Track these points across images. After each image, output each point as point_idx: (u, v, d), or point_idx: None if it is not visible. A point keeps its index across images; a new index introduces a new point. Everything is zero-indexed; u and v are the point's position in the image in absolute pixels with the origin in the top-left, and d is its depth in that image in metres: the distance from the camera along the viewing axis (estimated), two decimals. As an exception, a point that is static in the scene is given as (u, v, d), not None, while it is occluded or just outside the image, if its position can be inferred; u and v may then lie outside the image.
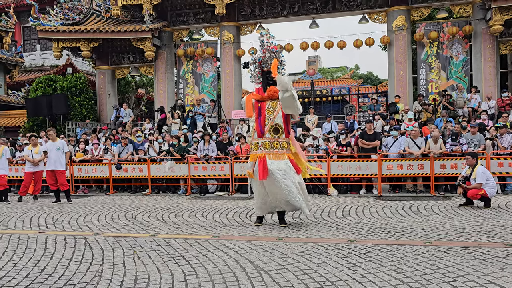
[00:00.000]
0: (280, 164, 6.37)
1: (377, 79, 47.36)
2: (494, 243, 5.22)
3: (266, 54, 6.66)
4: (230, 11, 16.66)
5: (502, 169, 9.71)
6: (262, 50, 6.71)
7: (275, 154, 6.46)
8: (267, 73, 6.69)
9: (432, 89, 15.72)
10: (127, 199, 10.87)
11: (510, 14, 13.84)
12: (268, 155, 6.44)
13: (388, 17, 15.79)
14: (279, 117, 6.55)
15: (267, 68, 6.69)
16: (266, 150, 6.50)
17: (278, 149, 6.51)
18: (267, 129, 6.53)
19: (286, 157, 6.51)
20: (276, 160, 6.40)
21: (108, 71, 18.68)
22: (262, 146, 6.54)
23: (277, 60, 6.57)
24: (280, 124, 6.54)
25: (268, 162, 6.35)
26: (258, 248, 5.24)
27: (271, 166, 6.32)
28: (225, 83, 17.20)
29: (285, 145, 6.58)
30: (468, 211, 7.62)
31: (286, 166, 6.39)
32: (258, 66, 6.79)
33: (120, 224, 7.22)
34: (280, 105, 6.48)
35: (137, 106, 25.81)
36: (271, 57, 6.64)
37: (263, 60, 6.71)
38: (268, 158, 6.40)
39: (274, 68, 6.41)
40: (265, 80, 6.74)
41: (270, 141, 6.51)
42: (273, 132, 6.52)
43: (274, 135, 6.52)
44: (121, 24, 17.27)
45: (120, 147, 12.55)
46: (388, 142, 10.84)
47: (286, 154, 6.55)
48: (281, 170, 6.31)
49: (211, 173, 11.46)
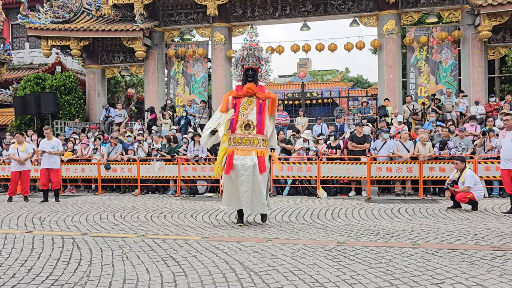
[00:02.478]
0: (246, 160, 6.45)
1: (367, 82, 47.74)
2: (481, 245, 5.29)
3: (244, 52, 6.80)
4: (221, 12, 16.66)
5: (489, 173, 9.83)
6: (242, 48, 6.85)
7: (243, 150, 6.55)
8: (247, 70, 6.81)
9: (421, 93, 15.88)
10: (115, 199, 10.79)
11: (498, 20, 14.05)
12: (236, 150, 6.57)
13: (379, 21, 15.92)
14: (253, 114, 6.63)
15: (246, 66, 6.81)
16: (236, 146, 6.61)
17: (247, 145, 6.58)
18: (238, 125, 6.63)
19: (253, 154, 6.53)
20: (243, 155, 6.49)
21: (98, 70, 18.54)
22: (233, 142, 6.66)
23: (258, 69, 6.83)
24: (252, 120, 6.61)
25: (234, 157, 6.50)
26: (248, 249, 5.23)
27: (236, 161, 6.46)
28: (216, 84, 17.18)
29: (255, 141, 6.60)
30: (456, 214, 7.71)
31: (251, 163, 6.44)
32: (239, 64, 6.89)
33: (109, 224, 7.16)
34: (256, 102, 6.66)
35: (127, 106, 25.65)
36: (250, 55, 6.79)
37: (242, 57, 6.84)
38: (236, 153, 6.53)
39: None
40: (245, 77, 6.85)
41: (240, 136, 6.62)
42: (244, 128, 6.61)
43: (245, 131, 6.61)
44: (112, 23, 17.16)
45: (110, 147, 12.46)
46: (377, 145, 10.92)
47: (254, 150, 6.57)
48: (245, 166, 6.42)
49: (201, 174, 11.42)
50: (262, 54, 6.93)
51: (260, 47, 6.94)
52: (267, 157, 6.73)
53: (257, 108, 6.64)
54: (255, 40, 6.86)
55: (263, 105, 6.73)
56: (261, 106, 6.70)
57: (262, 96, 6.74)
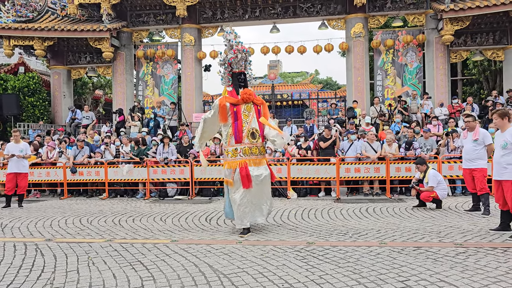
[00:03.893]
0: (260, 170, 6.22)
1: (336, 85, 48.48)
2: (445, 243, 5.45)
3: (237, 54, 6.36)
4: (191, 13, 16.55)
5: (453, 172, 10.17)
6: (233, 51, 6.35)
7: (255, 160, 6.24)
8: (238, 74, 6.44)
9: (388, 95, 16.27)
10: (82, 203, 10.52)
11: (460, 24, 14.57)
12: (248, 161, 6.18)
13: (347, 24, 16.21)
14: (254, 121, 6.33)
15: (238, 70, 6.44)
16: (246, 156, 6.20)
17: (258, 155, 6.29)
18: (245, 134, 6.22)
19: (265, 163, 6.39)
20: (257, 166, 6.22)
21: (64, 71, 18.05)
22: (242, 152, 6.20)
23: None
24: (256, 128, 6.31)
25: (249, 169, 6.11)
26: (218, 252, 5.21)
27: (253, 172, 6.12)
28: (186, 86, 17.04)
29: (262, 150, 6.39)
30: (421, 213, 7.92)
31: (267, 173, 6.28)
32: (227, 68, 6.46)
33: (75, 230, 6.97)
34: (254, 109, 6.37)
35: (95, 108, 25.08)
36: (243, 58, 6.43)
37: (234, 61, 6.40)
38: (249, 165, 6.15)
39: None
40: (236, 82, 6.44)
41: (249, 146, 6.23)
42: (250, 137, 6.25)
43: (252, 140, 6.26)
44: (78, 23, 16.75)
45: (76, 150, 12.14)
46: (344, 146, 11.10)
47: (264, 159, 6.41)
48: (262, 176, 6.19)
49: (170, 176, 11.30)
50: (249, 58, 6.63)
51: (248, 50, 6.61)
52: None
53: (256, 115, 6.37)
54: (240, 42, 6.44)
55: (260, 111, 6.49)
56: (259, 112, 6.44)
57: (258, 102, 6.46)
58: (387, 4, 15.89)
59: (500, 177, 5.88)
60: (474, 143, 7.56)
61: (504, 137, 5.87)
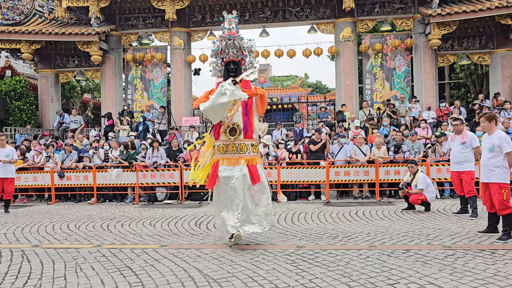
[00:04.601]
0: (234, 171, 5.53)
1: (326, 88, 48.75)
2: (434, 245, 5.49)
3: (222, 42, 5.80)
4: (180, 17, 16.52)
5: (441, 175, 10.26)
6: (219, 39, 5.86)
7: (229, 160, 5.62)
8: (228, 63, 5.81)
9: (377, 99, 16.38)
10: (70, 208, 10.39)
11: (447, 29, 14.75)
12: (221, 160, 5.65)
13: (336, 28, 16.31)
14: (238, 116, 5.66)
15: (226, 58, 5.82)
16: (220, 155, 5.69)
17: (234, 153, 5.63)
18: (222, 130, 5.69)
19: (242, 163, 5.58)
20: (230, 166, 5.57)
21: (51, 74, 17.86)
22: (217, 150, 5.74)
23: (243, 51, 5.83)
24: (238, 123, 5.64)
25: (219, 168, 5.59)
26: (207, 256, 5.18)
27: (222, 173, 5.55)
28: (175, 90, 16.98)
29: (243, 147, 5.65)
30: (410, 216, 7.97)
31: (239, 175, 5.51)
32: (219, 57, 5.89)
33: (62, 235, 6.87)
34: (240, 102, 5.66)
35: (83, 111, 24.87)
36: (229, 46, 5.78)
37: (221, 49, 5.84)
38: (221, 164, 5.61)
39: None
40: (226, 72, 5.81)
41: (224, 144, 5.67)
42: (228, 133, 5.67)
43: (230, 137, 5.66)
44: (66, 26, 16.61)
45: (64, 154, 12.00)
46: (334, 150, 11.14)
47: (243, 159, 5.62)
48: (233, 178, 5.50)
49: (160, 180, 11.22)
50: (243, 43, 5.86)
51: (241, 35, 5.89)
52: (259, 164, 5.82)
53: (243, 109, 5.67)
54: (234, 28, 5.83)
55: (250, 104, 5.73)
56: (247, 105, 5.71)
57: (248, 94, 5.64)
58: (375, 8, 16.03)
59: (488, 180, 5.94)
60: (462, 146, 7.65)
61: (491, 140, 5.93)
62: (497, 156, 5.85)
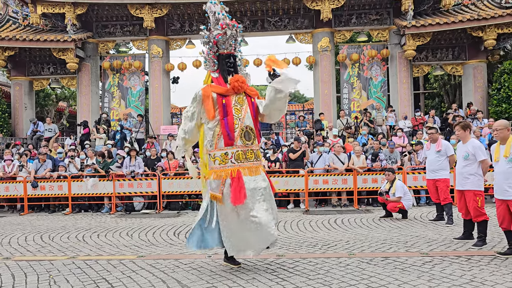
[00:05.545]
0: (258, 181, 4.74)
1: (304, 97, 49.16)
2: (412, 252, 5.55)
3: (226, 31, 4.93)
4: (159, 25, 16.43)
5: (417, 183, 10.44)
6: (220, 25, 4.94)
7: (251, 168, 4.77)
8: (227, 57, 5.02)
9: (354, 108, 16.61)
10: (44, 219, 10.10)
11: (421, 40, 15.13)
12: (243, 169, 4.72)
13: (314, 38, 16.51)
14: (248, 117, 4.87)
15: (227, 51, 5.02)
16: (240, 163, 4.73)
17: (254, 161, 4.83)
18: (237, 134, 4.75)
19: (261, 171, 4.90)
20: (253, 175, 4.75)
21: (25, 82, 17.43)
22: (234, 158, 4.73)
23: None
24: (251, 126, 4.85)
25: (244, 179, 4.65)
26: (186, 267, 5.10)
27: (249, 184, 4.64)
28: (153, 98, 16.82)
29: (259, 154, 4.99)
30: (388, 223, 8.06)
31: (266, 185, 4.80)
32: (213, 47, 5.01)
33: (35, 247, 6.66)
34: (248, 101, 4.96)
35: (58, 120, 24.36)
36: (233, 36, 5.02)
37: (221, 39, 4.96)
38: (244, 174, 4.69)
39: (277, 63, 4.82)
40: (224, 66, 5.01)
41: (243, 150, 4.77)
42: (244, 137, 4.79)
43: (247, 142, 4.80)
44: (41, 33, 16.29)
45: (38, 164, 11.68)
46: (313, 158, 11.21)
47: (260, 167, 4.94)
48: (261, 190, 4.72)
49: (137, 190, 11.04)
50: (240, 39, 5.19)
51: (240, 26, 5.18)
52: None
53: (251, 110, 4.92)
54: (230, 17, 5.12)
55: (255, 105, 5.02)
56: (253, 106, 4.98)
57: (253, 93, 5.06)
58: (352, 19, 16.32)
59: (463, 187, 6.07)
60: (437, 154, 7.80)
61: (466, 148, 6.08)
62: (471, 164, 5.99)
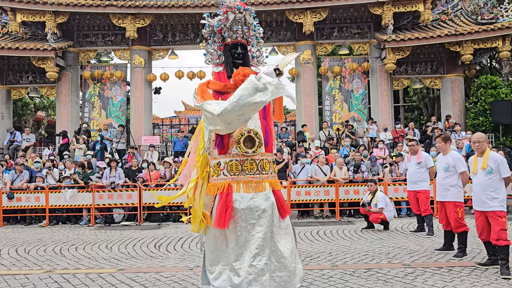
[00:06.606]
0: (256, 200, 3.60)
1: (286, 109, 49.43)
2: (394, 264, 5.57)
3: (228, 15, 3.83)
4: (141, 35, 16.35)
5: (398, 194, 10.54)
6: (222, 10, 3.86)
7: (248, 183, 3.65)
8: (233, 46, 3.90)
9: (336, 120, 16.78)
10: (19, 232, 9.80)
11: (401, 54, 15.45)
12: (235, 184, 3.64)
13: (296, 50, 16.66)
14: (255, 119, 3.71)
15: (231, 39, 3.91)
16: (233, 176, 3.66)
17: (254, 173, 3.67)
18: (232, 141, 3.67)
19: (267, 187, 3.69)
20: (250, 193, 3.62)
21: (3, 90, 17.04)
22: (226, 169, 3.68)
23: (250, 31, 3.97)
24: (256, 131, 3.70)
25: (234, 196, 3.60)
26: (167, 280, 5.00)
27: (239, 204, 3.56)
28: (135, 108, 16.65)
29: (266, 165, 3.75)
30: (370, 234, 8.09)
31: (267, 205, 3.60)
32: (217, 37, 3.96)
33: (10, 260, 6.44)
34: None
35: (36, 130, 23.88)
36: (238, 21, 3.86)
37: (225, 26, 3.87)
38: (236, 190, 3.62)
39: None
40: (229, 58, 3.91)
41: (239, 159, 3.66)
42: (243, 144, 3.66)
43: (246, 150, 3.65)
44: (20, 41, 16.01)
45: (14, 174, 11.38)
46: (296, 169, 11.23)
47: (267, 181, 3.73)
48: (258, 211, 3.57)
49: (117, 201, 10.84)
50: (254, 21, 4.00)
51: (252, 10, 3.96)
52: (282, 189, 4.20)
53: (261, 110, 3.72)
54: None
55: (268, 105, 3.85)
56: (265, 106, 3.73)
57: None
58: (334, 33, 16.57)
59: (443, 198, 6.14)
60: (417, 166, 7.90)
61: (446, 160, 6.17)
62: (452, 175, 6.08)
